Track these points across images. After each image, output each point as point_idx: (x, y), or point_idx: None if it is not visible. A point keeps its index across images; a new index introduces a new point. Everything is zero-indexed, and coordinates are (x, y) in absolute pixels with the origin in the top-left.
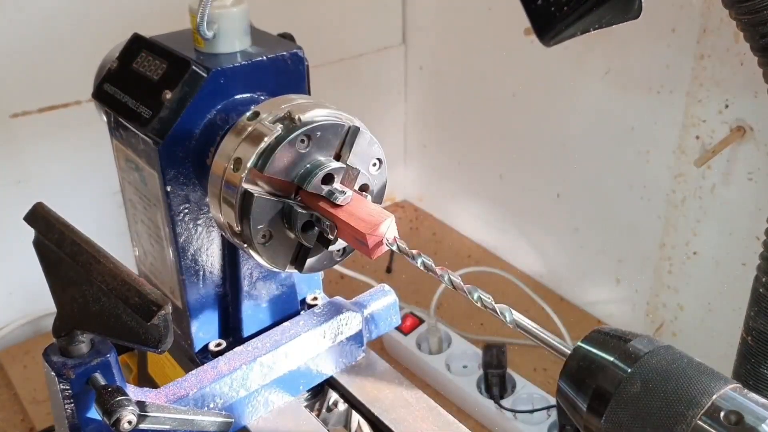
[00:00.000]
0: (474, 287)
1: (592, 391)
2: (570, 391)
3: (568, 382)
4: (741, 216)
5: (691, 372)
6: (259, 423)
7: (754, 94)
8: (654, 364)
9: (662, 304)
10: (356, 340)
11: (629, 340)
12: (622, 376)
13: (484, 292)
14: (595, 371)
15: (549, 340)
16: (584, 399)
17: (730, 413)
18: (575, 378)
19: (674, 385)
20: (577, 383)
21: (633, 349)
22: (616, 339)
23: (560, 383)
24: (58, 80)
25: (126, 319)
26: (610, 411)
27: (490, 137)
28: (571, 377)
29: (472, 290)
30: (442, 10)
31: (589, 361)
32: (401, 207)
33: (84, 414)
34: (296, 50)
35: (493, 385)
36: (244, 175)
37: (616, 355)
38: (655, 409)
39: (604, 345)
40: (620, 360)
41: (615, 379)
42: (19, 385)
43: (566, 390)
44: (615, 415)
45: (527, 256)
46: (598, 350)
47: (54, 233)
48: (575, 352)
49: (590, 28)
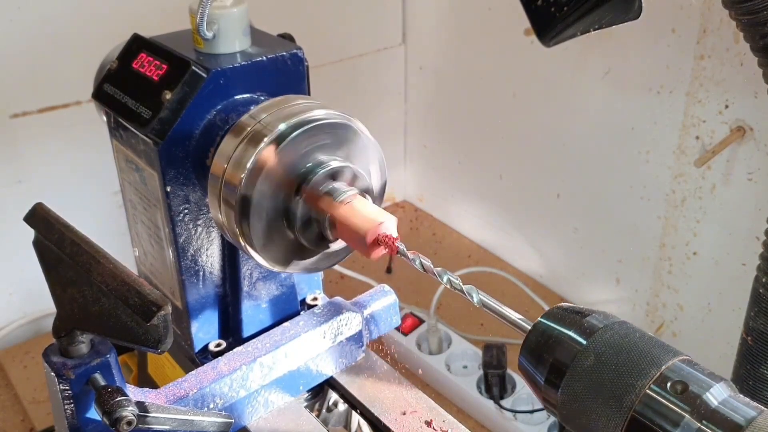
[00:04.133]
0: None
1: (550, 365)
2: (529, 365)
3: (527, 356)
4: (741, 216)
5: (642, 345)
6: (259, 423)
7: (754, 95)
8: (607, 338)
9: (662, 304)
10: (356, 341)
11: (586, 315)
12: (577, 349)
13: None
14: (553, 345)
15: (511, 317)
16: (542, 372)
17: (676, 383)
18: (534, 352)
19: (626, 357)
20: (536, 357)
21: (588, 324)
22: (574, 314)
23: (521, 358)
24: (58, 80)
25: (126, 320)
26: (565, 383)
27: (490, 137)
28: (531, 351)
29: (441, 273)
30: (442, 10)
31: (548, 336)
32: (401, 207)
33: (84, 414)
34: (296, 50)
35: (493, 385)
36: (243, 176)
37: (573, 329)
38: (607, 380)
39: (562, 320)
40: (576, 334)
41: (571, 352)
42: (19, 385)
43: (526, 364)
44: (570, 387)
45: (527, 256)
46: (557, 325)
47: (54, 233)
48: (535, 328)
49: (590, 29)
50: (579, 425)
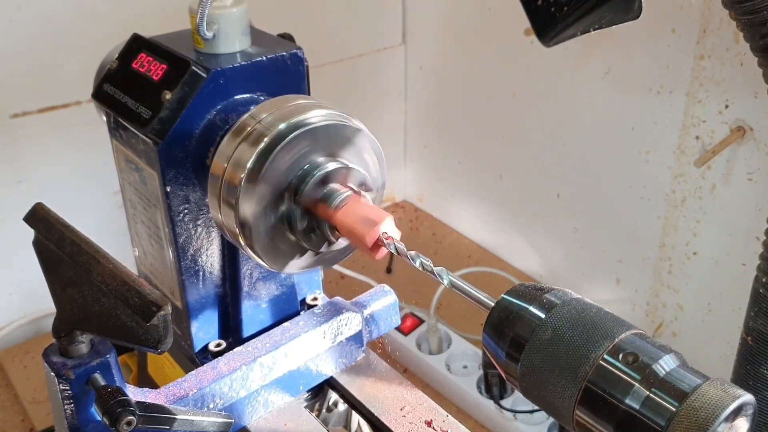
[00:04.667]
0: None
1: (510, 339)
2: (491, 341)
3: (490, 332)
4: (741, 216)
5: (597, 320)
6: (259, 423)
7: (754, 95)
8: (565, 313)
9: (662, 304)
10: (356, 341)
11: (547, 292)
12: (536, 323)
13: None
14: (513, 320)
15: (477, 295)
16: (503, 347)
17: (628, 354)
18: (496, 328)
19: (581, 331)
20: (497, 332)
21: (547, 300)
22: (535, 291)
23: (484, 334)
24: (58, 80)
25: (126, 320)
26: (524, 356)
27: (490, 137)
28: (493, 327)
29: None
30: (442, 10)
31: (509, 311)
32: (401, 207)
33: (84, 414)
34: (296, 50)
35: (493, 385)
36: (244, 176)
37: (533, 305)
38: (563, 353)
39: (523, 296)
40: (536, 309)
41: (530, 326)
42: (19, 385)
43: (489, 340)
44: (529, 359)
45: (527, 256)
46: (518, 300)
47: (54, 233)
48: (498, 304)
49: (590, 29)
50: (538, 397)
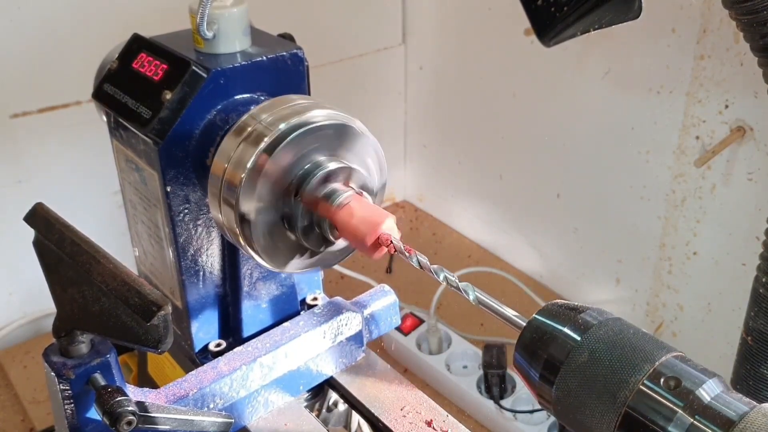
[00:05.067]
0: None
1: (544, 361)
2: (524, 361)
3: (522, 352)
4: (741, 216)
5: (635, 341)
6: (259, 423)
7: (754, 95)
8: (602, 335)
9: (662, 304)
10: (356, 341)
11: (581, 312)
12: (571, 345)
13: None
14: (547, 342)
15: (507, 314)
16: (537, 368)
17: (669, 378)
18: (529, 348)
19: (619, 353)
20: (530, 353)
21: (583, 320)
22: (569, 311)
23: (515, 354)
24: (58, 80)
25: (126, 320)
26: (560, 379)
27: (490, 137)
28: (525, 348)
29: (438, 270)
30: (442, 10)
31: (542, 332)
32: (401, 207)
33: (84, 414)
34: (296, 50)
35: (493, 385)
36: (244, 176)
37: (567, 326)
38: (600, 376)
39: (557, 316)
40: (571, 330)
41: (565, 348)
42: (19, 385)
43: (521, 360)
44: (564, 382)
45: (527, 256)
46: (551, 321)
47: (54, 233)
48: (530, 324)
49: (590, 29)
50: (573, 421)
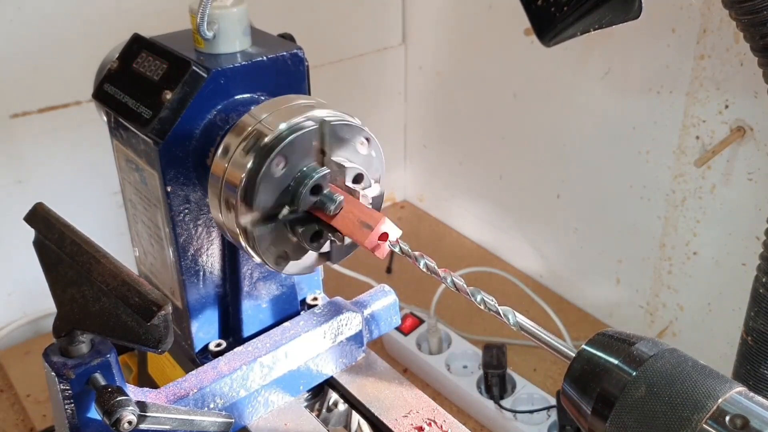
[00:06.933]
0: (477, 289)
1: (597, 395)
2: (574, 394)
3: (572, 385)
4: (741, 216)
5: (695, 375)
6: (259, 423)
7: (754, 95)
8: (659, 368)
9: (662, 304)
10: (356, 341)
11: (634, 342)
12: (626, 379)
13: (487, 294)
14: (600, 374)
15: (552, 342)
16: (589, 402)
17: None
18: (579, 381)
19: (679, 388)
20: (581, 386)
21: (637, 352)
22: (621, 342)
23: (564, 386)
24: (58, 80)
25: (126, 319)
26: (614, 415)
27: (490, 137)
28: (576, 380)
29: (474, 292)
30: (442, 10)
31: (594, 364)
32: (401, 207)
33: (84, 414)
34: (296, 50)
35: (493, 385)
36: (244, 176)
37: (620, 358)
38: (660, 413)
39: (608, 348)
40: (625, 363)
41: (620, 382)
42: (19, 385)
43: (570, 393)
44: (620, 418)
45: (527, 256)
46: (603, 353)
47: (54, 233)
48: (579, 355)
49: (590, 29)
50: None
